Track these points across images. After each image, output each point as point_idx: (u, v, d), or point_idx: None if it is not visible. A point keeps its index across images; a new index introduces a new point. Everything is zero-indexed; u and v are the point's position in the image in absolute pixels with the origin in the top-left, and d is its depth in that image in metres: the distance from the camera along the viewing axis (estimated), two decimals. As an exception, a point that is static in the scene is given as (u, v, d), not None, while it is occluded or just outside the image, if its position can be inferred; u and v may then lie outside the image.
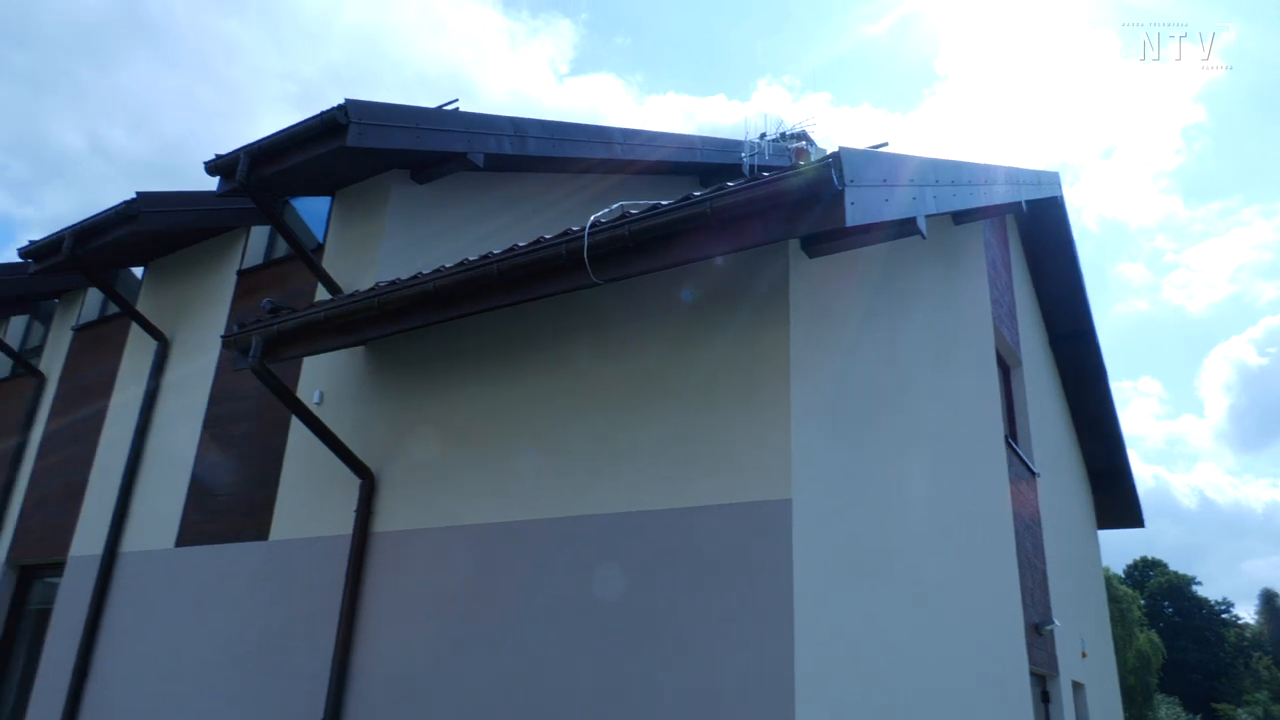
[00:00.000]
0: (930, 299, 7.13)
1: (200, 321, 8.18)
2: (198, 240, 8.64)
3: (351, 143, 6.04)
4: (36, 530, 8.59)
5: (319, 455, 6.27)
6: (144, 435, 7.98)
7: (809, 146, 12.59)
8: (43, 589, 8.65)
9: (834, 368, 5.07)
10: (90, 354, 9.25)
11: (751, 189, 3.88)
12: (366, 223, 7.27)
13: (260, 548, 6.58)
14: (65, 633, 7.60)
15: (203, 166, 6.69)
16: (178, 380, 8.06)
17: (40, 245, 8.13)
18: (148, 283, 9.01)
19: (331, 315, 5.36)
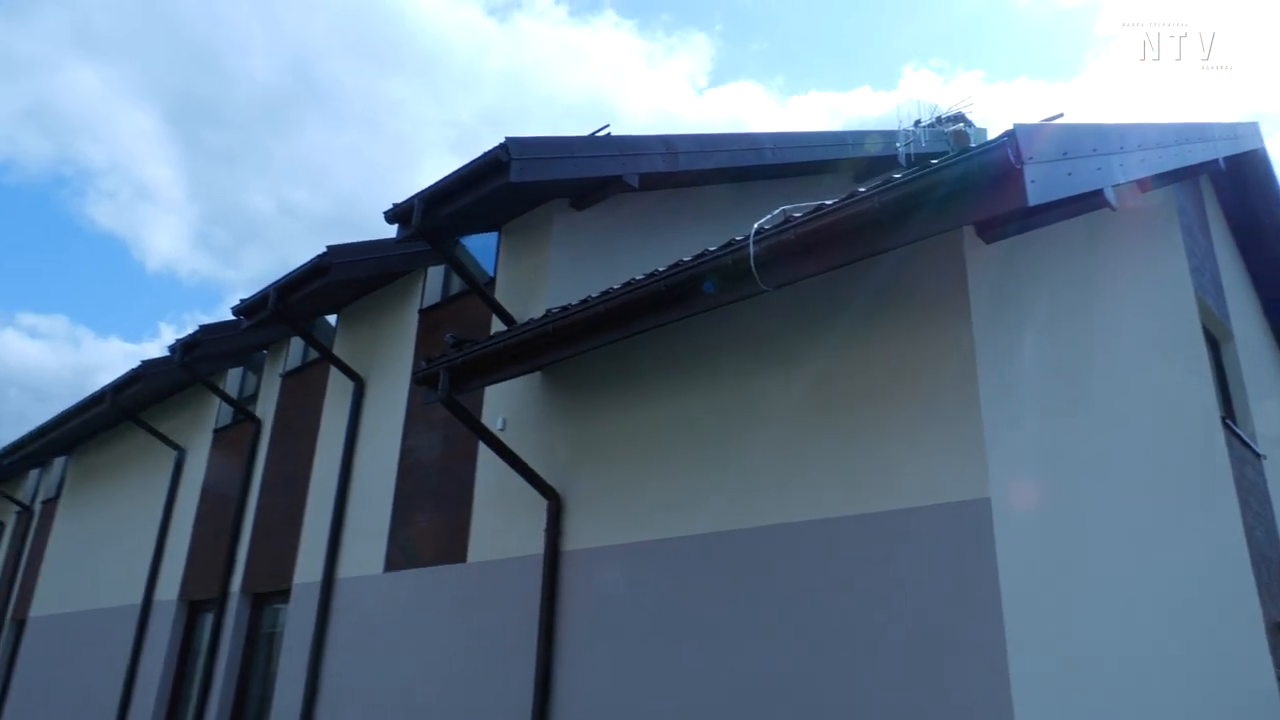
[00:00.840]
0: (1122, 274, 6.62)
1: (389, 360, 8.77)
2: (381, 284, 9.28)
3: (514, 178, 6.31)
4: (264, 560, 9.45)
5: (507, 479, 6.56)
6: (349, 469, 8.62)
7: (967, 129, 12.05)
8: (272, 614, 9.49)
9: (1023, 356, 4.80)
10: (297, 397, 10.11)
11: (920, 178, 3.75)
12: (533, 253, 7.58)
13: (459, 570, 6.95)
14: (295, 654, 8.30)
15: (382, 216, 7.18)
16: (374, 416, 8.67)
17: (249, 303, 8.98)
18: (341, 328, 9.76)
19: (510, 344, 5.62)
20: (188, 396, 12.40)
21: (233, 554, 9.93)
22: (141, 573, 11.66)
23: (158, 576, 11.38)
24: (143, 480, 12.81)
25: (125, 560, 12.36)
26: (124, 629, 11.55)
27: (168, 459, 12.21)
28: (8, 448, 15.76)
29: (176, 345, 10.02)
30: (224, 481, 10.84)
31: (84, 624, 12.87)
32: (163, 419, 12.57)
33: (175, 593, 10.90)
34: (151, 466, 12.63)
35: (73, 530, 14.69)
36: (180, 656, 10.61)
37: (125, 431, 13.59)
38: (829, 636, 4.48)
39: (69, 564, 14.32)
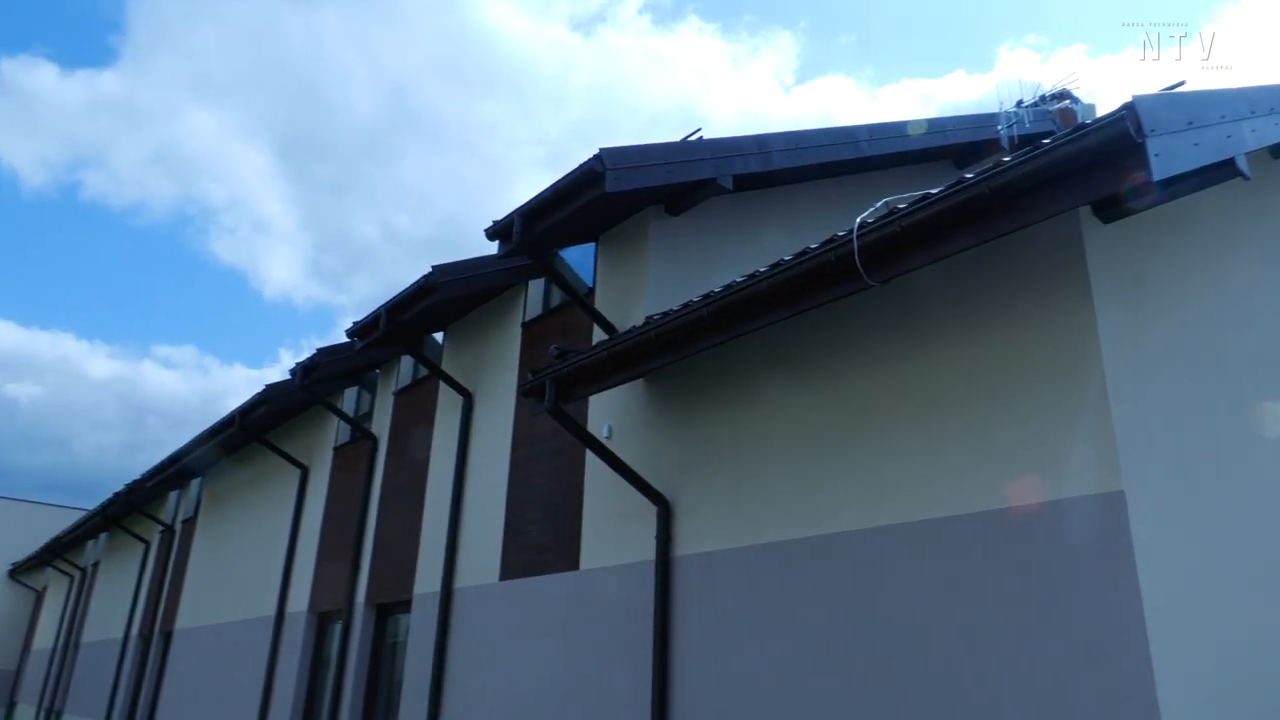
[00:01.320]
0: (1259, 249, 6.18)
1: (496, 373, 8.97)
2: (485, 300, 9.51)
3: (610, 188, 6.37)
4: (386, 572, 9.80)
5: (615, 486, 6.60)
6: (461, 481, 8.86)
7: (1074, 105, 11.50)
8: (395, 624, 9.83)
9: (1152, 340, 4.54)
10: (409, 413, 10.46)
11: (1033, 159, 3.59)
12: (630, 261, 7.63)
13: (572, 578, 7.04)
14: (419, 662, 8.57)
15: (481, 234, 7.36)
16: (483, 428, 8.88)
17: (362, 325, 9.34)
18: (448, 345, 10.05)
19: (613, 353, 5.66)
20: (309, 417, 13.00)
21: (356, 566, 10.33)
22: (274, 586, 12.27)
23: (289, 589, 11.95)
24: (270, 498, 13.49)
25: (259, 574, 13.04)
26: (260, 639, 12.16)
27: (293, 477, 12.82)
28: (149, 471, 16.86)
29: (297, 368, 10.51)
30: (345, 497, 11.31)
31: (224, 635, 13.62)
32: (287, 439, 13.21)
33: (305, 604, 11.42)
34: (278, 485, 13.29)
35: (210, 547, 15.59)
36: (312, 665, 11.11)
37: (253, 453, 14.34)
38: (951, 641, 4.32)
39: (208, 579, 15.20)
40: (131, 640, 18.69)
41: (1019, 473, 4.26)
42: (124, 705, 17.93)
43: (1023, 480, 4.24)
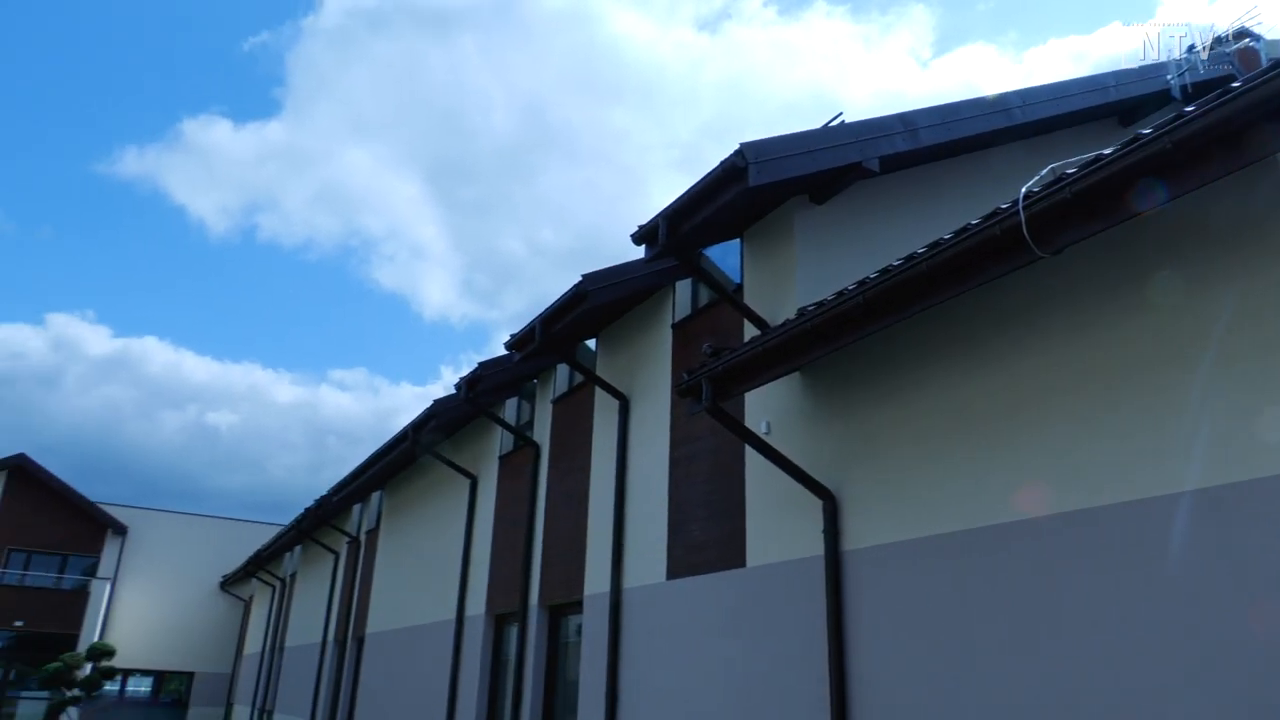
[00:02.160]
0: None
1: (649, 376, 9.10)
2: (634, 305, 9.66)
3: (753, 182, 6.33)
4: (557, 574, 10.12)
5: (778, 482, 6.55)
6: (623, 483, 9.03)
7: (1255, 44, 10.46)
8: (568, 625, 10.13)
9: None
10: (568, 420, 10.76)
11: (1220, 107, 3.30)
12: (777, 254, 7.55)
13: (739, 575, 7.03)
14: (593, 662, 8.79)
15: (623, 241, 7.49)
16: (641, 430, 9.03)
17: (518, 337, 9.70)
18: (601, 350, 10.28)
19: (768, 347, 5.62)
20: (474, 428, 13.61)
21: (528, 570, 10.72)
22: (452, 590, 12.91)
23: (466, 593, 12.54)
24: (444, 507, 14.22)
25: (438, 580, 13.76)
26: (443, 642, 12.83)
27: (463, 486, 13.46)
28: (334, 487, 18.14)
29: (461, 382, 11.03)
30: (513, 503, 11.76)
31: (411, 639, 14.46)
32: (456, 450, 13.88)
33: (483, 608, 11.96)
34: (450, 494, 13.99)
35: (392, 555, 16.60)
36: (492, 666, 11.61)
37: (426, 465, 15.16)
38: (1148, 633, 4.02)
39: (392, 586, 16.18)
40: (329, 644, 20.14)
41: (1224, 448, 3.92)
42: (326, 704, 19.34)
43: (1229, 456, 3.89)
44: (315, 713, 19.95)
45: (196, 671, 34.53)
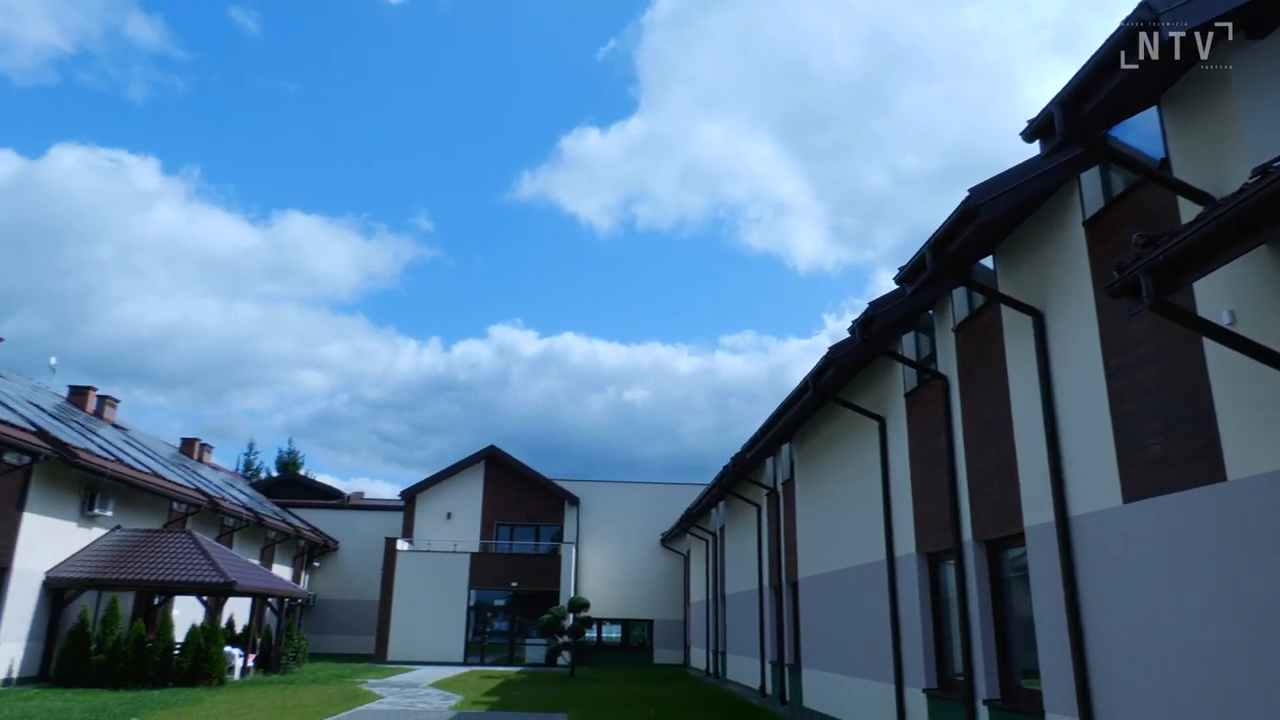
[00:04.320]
0: None
1: (1063, 283, 8.23)
2: (1032, 210, 8.79)
3: (1171, 32, 5.38)
4: (988, 508, 9.63)
5: (1258, 380, 5.55)
6: (1050, 403, 8.30)
7: None
8: (1010, 558, 9.59)
9: None
10: (975, 346, 10.15)
11: None
12: (1210, 112, 6.35)
13: (1218, 491, 6.08)
14: (1045, 595, 8.23)
15: (996, 150, 6.90)
16: (1062, 344, 8.21)
17: (907, 269, 9.34)
18: (1001, 267, 9.52)
19: (1224, 222, 4.74)
20: (874, 369, 13.44)
21: (955, 506, 10.35)
22: (877, 532, 12.92)
23: (893, 534, 12.47)
24: (854, 451, 14.26)
25: (860, 523, 13.86)
26: (877, 583, 12.92)
27: (871, 429, 13.37)
28: (746, 444, 19.11)
29: (854, 325, 10.93)
30: (928, 440, 11.42)
31: (842, 581, 14.77)
32: (858, 394, 13.83)
33: (912, 547, 11.80)
34: (859, 438, 13.99)
35: (811, 502, 17.07)
36: (932, 604, 11.42)
37: (830, 412, 15.33)
38: None
39: (816, 531, 16.65)
40: (765, 590, 21.34)
41: None
42: (772, 644, 20.56)
43: None
44: (763, 652, 21.31)
45: (655, 619, 38.78)
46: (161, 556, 21.51)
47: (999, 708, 9.25)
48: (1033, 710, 8.52)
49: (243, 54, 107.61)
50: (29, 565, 19.27)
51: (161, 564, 21.15)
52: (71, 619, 20.30)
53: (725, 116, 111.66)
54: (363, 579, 39.20)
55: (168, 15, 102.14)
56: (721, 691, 23.11)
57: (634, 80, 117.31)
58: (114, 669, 19.18)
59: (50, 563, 20.07)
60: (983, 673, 9.62)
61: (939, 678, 11.16)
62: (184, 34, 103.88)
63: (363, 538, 40.27)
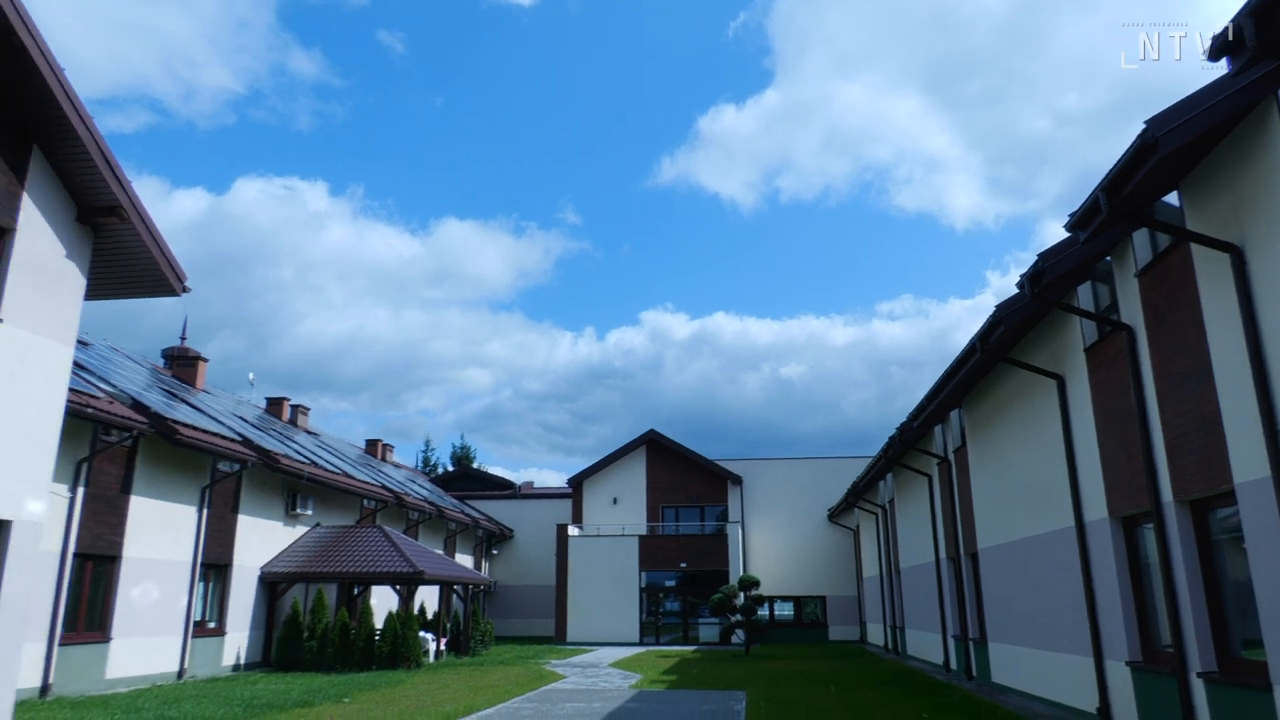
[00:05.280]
0: None
1: (1263, 215, 7.40)
2: (1221, 138, 7.95)
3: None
4: (1189, 465, 8.84)
5: None
6: (1258, 348, 7.49)
7: None
8: (1218, 518, 8.78)
9: None
10: (1161, 290, 9.32)
11: None
12: None
13: None
14: (1265, 557, 7.48)
15: (1204, 58, 6.18)
16: (1268, 281, 7.39)
17: (1080, 214, 8.68)
18: (1188, 202, 8.68)
19: None
20: (1047, 325, 12.63)
21: (1151, 466, 9.57)
22: (1062, 498, 12.16)
23: (1080, 498, 11.70)
24: (1031, 413, 13.46)
25: (1042, 489, 13.09)
26: (1064, 550, 12.16)
27: (1048, 388, 12.58)
28: (912, 413, 18.44)
29: (1023, 280, 10.29)
30: (1113, 396, 10.61)
31: (1026, 550, 14.01)
32: (1031, 352, 13.05)
33: (1103, 511, 11.02)
34: (1035, 398, 13.19)
35: (986, 470, 16.28)
36: (1130, 570, 10.63)
37: (1001, 373, 14.54)
38: None
39: (994, 500, 15.87)
40: (942, 562, 20.59)
41: None
42: (953, 618, 19.82)
43: None
44: (944, 626, 20.58)
45: (828, 595, 38.26)
46: (357, 550, 23.19)
47: (1216, 681, 8.50)
48: (1257, 683, 7.78)
49: (392, 74, 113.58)
50: (246, 562, 21.27)
51: (358, 557, 22.81)
52: (285, 609, 22.27)
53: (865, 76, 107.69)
54: (538, 565, 40.83)
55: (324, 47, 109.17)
56: (902, 668, 22.52)
57: (767, 51, 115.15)
58: (324, 654, 20.89)
59: (263, 559, 22.07)
60: (1194, 644, 8.87)
61: (1143, 650, 10.39)
62: (338, 62, 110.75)
63: (535, 525, 41.90)
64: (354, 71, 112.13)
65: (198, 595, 19.30)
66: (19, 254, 10.52)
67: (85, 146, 10.71)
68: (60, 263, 11.16)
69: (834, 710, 13.70)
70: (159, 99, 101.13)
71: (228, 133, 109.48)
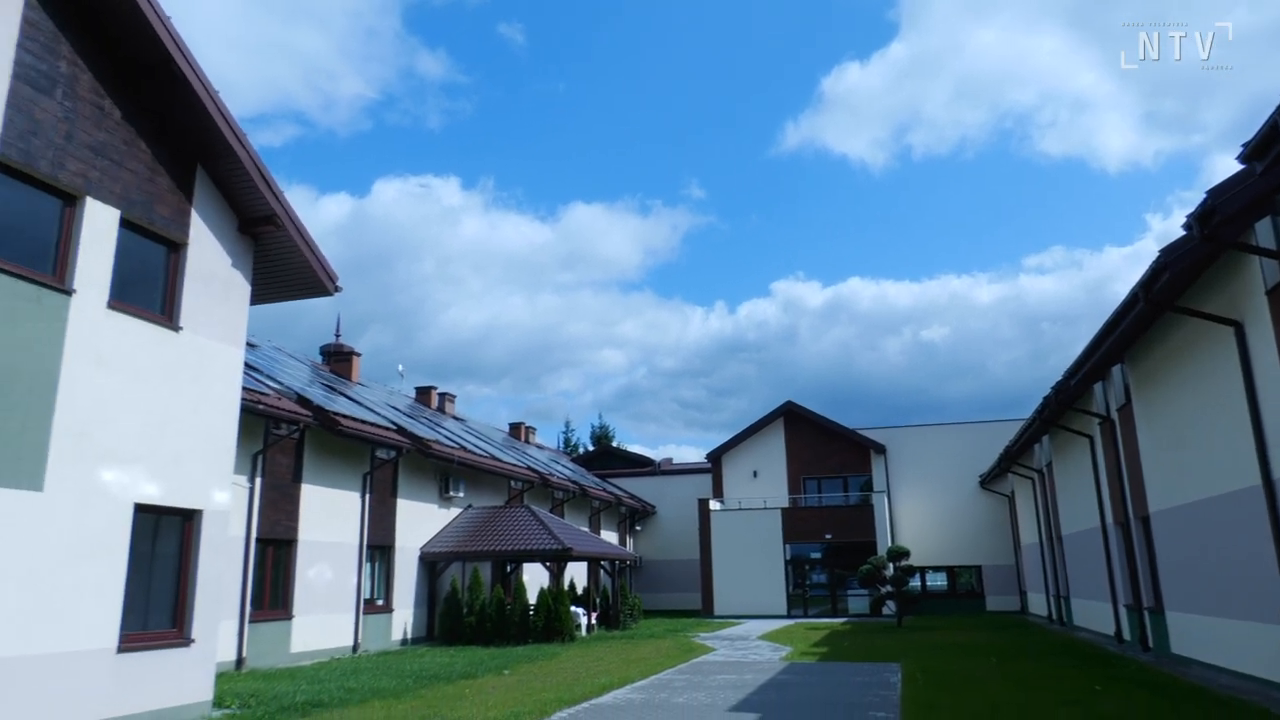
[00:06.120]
0: None
1: None
2: None
3: None
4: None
5: None
6: None
7: None
8: None
9: None
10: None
11: None
12: None
13: None
14: None
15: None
16: None
17: (1255, 142, 7.92)
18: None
19: None
20: (1219, 268, 11.60)
21: (1352, 415, 8.64)
22: (1245, 453, 11.18)
23: (1268, 455, 10.72)
24: (1205, 364, 12.43)
25: (1222, 445, 12.08)
26: (1250, 511, 11.19)
27: (1223, 336, 11.56)
28: (1068, 371, 17.40)
29: (1190, 221, 9.48)
30: (1303, 341, 9.63)
31: (1205, 512, 12.99)
32: (1202, 298, 12.03)
33: (1296, 468, 10.06)
34: (1209, 347, 12.17)
35: (1155, 428, 15.17)
36: (1332, 533, 9.67)
37: (1168, 323, 13.50)
38: None
39: (1166, 459, 14.78)
40: (1109, 528, 19.41)
41: None
42: (1124, 586, 18.67)
43: None
44: (1114, 595, 19.44)
45: (983, 565, 36.84)
46: (507, 529, 24.11)
47: None
48: None
49: (514, 65, 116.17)
50: (407, 543, 22.50)
51: (509, 536, 23.71)
52: (444, 587, 23.43)
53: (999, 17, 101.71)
54: (680, 539, 41.23)
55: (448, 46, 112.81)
56: (1069, 639, 21.43)
57: (891, 2, 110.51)
58: (483, 629, 21.87)
59: (422, 540, 23.28)
60: None
61: (1351, 618, 9.45)
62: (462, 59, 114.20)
63: (676, 501, 42.29)
64: (477, 67, 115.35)
65: (366, 575, 20.58)
66: (192, 266, 11.41)
67: (242, 163, 11.48)
68: (227, 272, 12.03)
69: (997, 682, 13.19)
70: (302, 111, 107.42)
71: (365, 138, 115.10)
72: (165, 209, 10.87)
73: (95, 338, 9.74)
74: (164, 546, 10.73)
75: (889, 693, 12.31)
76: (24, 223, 9.26)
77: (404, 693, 12.64)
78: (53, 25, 9.54)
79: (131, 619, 9.99)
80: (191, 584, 10.87)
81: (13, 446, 8.68)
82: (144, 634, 10.18)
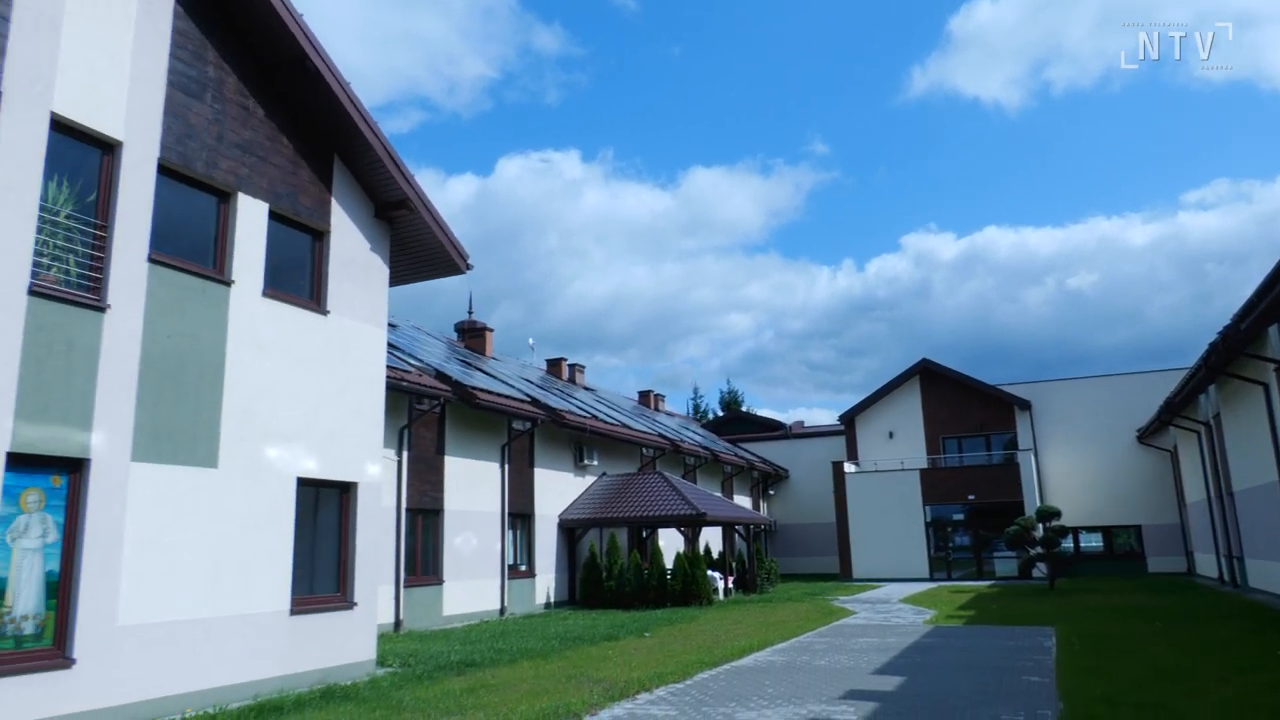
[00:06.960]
0: None
1: None
2: None
3: None
4: None
5: None
6: None
7: None
8: None
9: None
10: None
11: None
12: None
13: None
14: None
15: None
16: None
17: None
18: None
19: None
20: None
21: None
22: None
23: None
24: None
25: None
26: None
27: None
28: (1238, 314, 16.03)
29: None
30: None
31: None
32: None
33: None
34: None
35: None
36: None
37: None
38: None
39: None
40: None
41: None
42: (1308, 547, 17.15)
43: None
44: (1297, 557, 17.89)
45: (1143, 524, 34.70)
46: (641, 495, 24.48)
47: None
48: None
49: (628, 33, 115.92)
50: (545, 511, 23.22)
51: (642, 502, 24.07)
52: (583, 553, 24.09)
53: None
54: (815, 503, 40.76)
55: (562, 19, 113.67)
56: (1243, 601, 19.94)
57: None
58: (621, 593, 22.37)
59: (559, 508, 23.97)
60: None
61: None
62: (577, 32, 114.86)
63: (809, 464, 41.78)
64: (593, 38, 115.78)
65: (508, 542, 21.40)
66: (335, 252, 12.04)
67: (376, 151, 11.98)
68: (367, 256, 12.62)
69: (1161, 647, 12.44)
70: (427, 97, 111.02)
71: (487, 118, 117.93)
72: (308, 199, 11.48)
73: (254, 324, 10.43)
74: (325, 517, 11.48)
75: (1043, 657, 11.82)
76: (185, 220, 9.98)
77: (550, 653, 13.11)
78: (199, 33, 10.18)
79: (300, 584, 10.76)
80: (351, 551, 11.59)
81: (190, 429, 9.45)
82: (312, 597, 10.96)
